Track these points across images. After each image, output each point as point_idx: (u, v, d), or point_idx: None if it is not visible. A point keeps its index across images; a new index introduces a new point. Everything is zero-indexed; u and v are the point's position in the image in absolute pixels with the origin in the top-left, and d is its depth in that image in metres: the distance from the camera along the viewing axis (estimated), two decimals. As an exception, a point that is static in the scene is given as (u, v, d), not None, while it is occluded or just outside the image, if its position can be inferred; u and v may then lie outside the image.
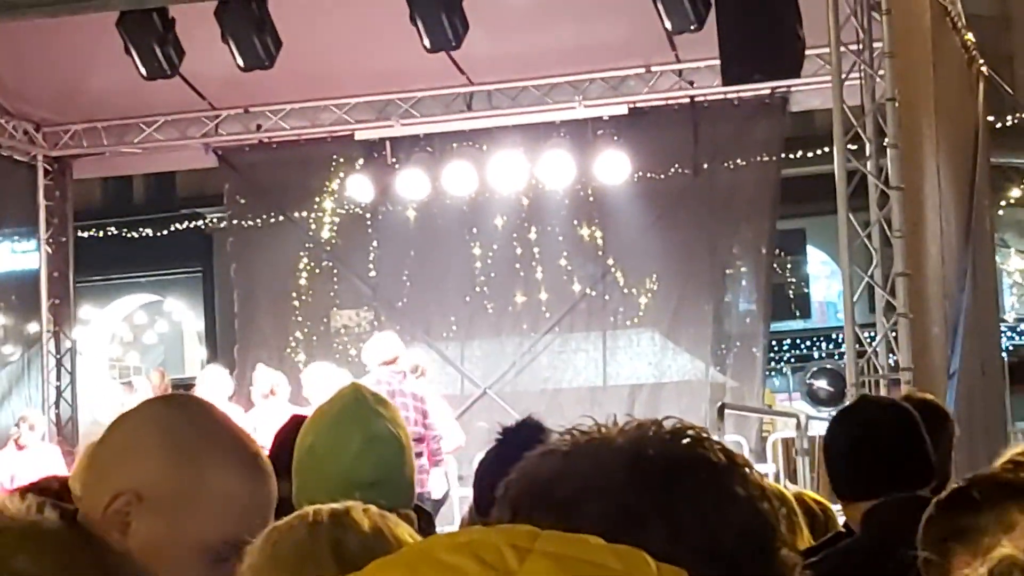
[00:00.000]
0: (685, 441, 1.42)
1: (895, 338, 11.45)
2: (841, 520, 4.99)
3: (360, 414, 3.47)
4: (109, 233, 18.48)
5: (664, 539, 1.35)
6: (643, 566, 1.25)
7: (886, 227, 11.48)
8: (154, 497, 2.19)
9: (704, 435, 1.44)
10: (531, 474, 1.45)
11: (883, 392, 11.32)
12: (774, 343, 17.64)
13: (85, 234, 17.76)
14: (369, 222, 16.34)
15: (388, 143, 15.69)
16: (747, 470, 1.43)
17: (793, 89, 14.45)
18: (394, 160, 15.69)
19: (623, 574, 1.24)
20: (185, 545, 2.19)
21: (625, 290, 15.72)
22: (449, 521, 11.85)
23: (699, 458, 1.41)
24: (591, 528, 1.33)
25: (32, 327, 17.14)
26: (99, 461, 2.27)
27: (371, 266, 16.44)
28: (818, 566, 3.83)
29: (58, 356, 16.85)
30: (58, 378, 16.77)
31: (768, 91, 14.55)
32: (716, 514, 1.38)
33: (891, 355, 11.57)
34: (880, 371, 11.58)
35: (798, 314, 22.70)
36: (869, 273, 11.67)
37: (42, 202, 16.66)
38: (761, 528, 1.41)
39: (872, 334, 11.88)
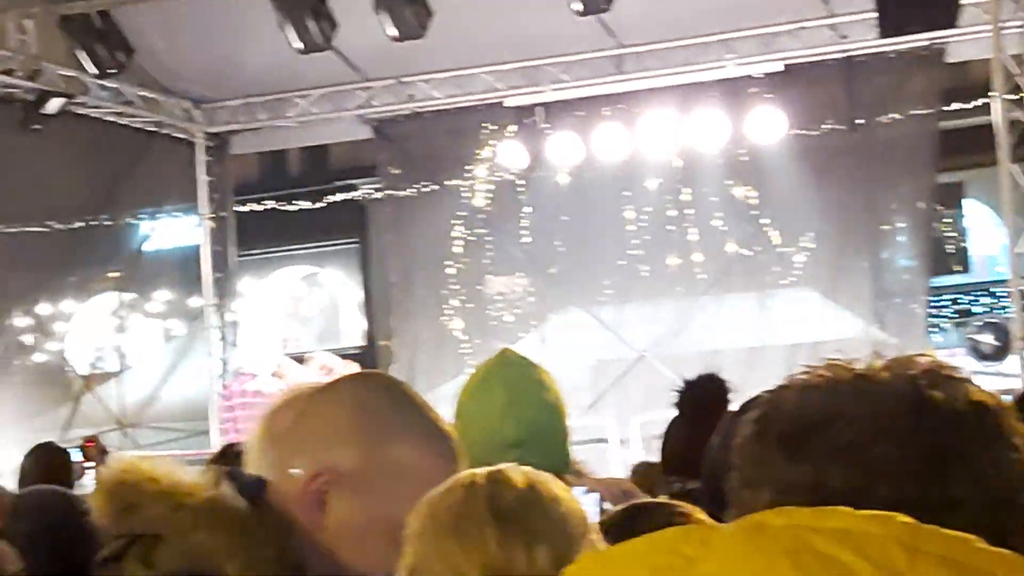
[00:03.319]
0: (954, 382, 1.36)
1: (1061, 290, 11.25)
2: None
3: (504, 375, 3.45)
4: (266, 207, 18.71)
5: (965, 487, 1.30)
6: None
7: (1050, 177, 11.28)
8: (351, 476, 2.20)
9: (966, 377, 1.38)
10: (795, 412, 1.37)
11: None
12: (933, 298, 17.35)
13: (243, 209, 18.01)
14: (521, 188, 16.38)
15: (539, 109, 15.70)
16: (1012, 413, 1.38)
17: (950, 40, 14.17)
18: (545, 125, 15.70)
19: None
20: (379, 523, 2.20)
21: (781, 249, 15.58)
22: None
23: (977, 402, 1.35)
24: (884, 474, 1.29)
25: (195, 301, 17.45)
26: (296, 438, 2.28)
27: (524, 232, 16.48)
28: None
29: (222, 329, 17.15)
30: (223, 351, 17.07)
31: (924, 43, 14.28)
32: (1007, 460, 1.33)
33: (1058, 307, 11.37)
34: (1047, 323, 11.38)
35: (957, 269, 22.29)
36: (1034, 224, 11.47)
37: (202, 178, 16.95)
38: None
39: (1037, 286, 11.67)
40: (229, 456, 4.42)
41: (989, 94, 12.30)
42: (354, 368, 11.76)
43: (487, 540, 2.12)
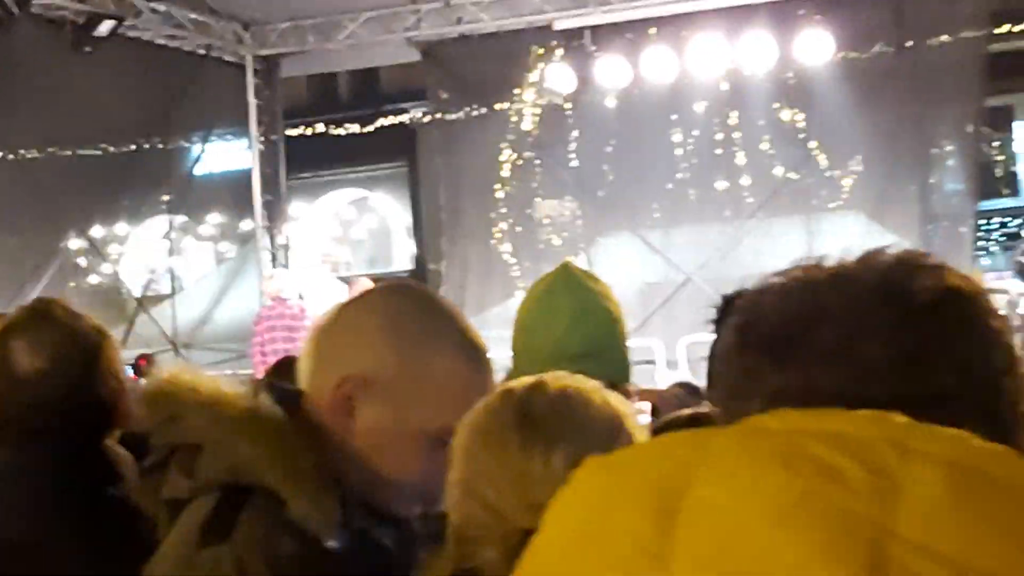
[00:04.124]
0: (927, 271, 1.34)
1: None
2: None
3: (569, 287, 3.45)
4: (315, 130, 18.82)
5: (952, 377, 1.29)
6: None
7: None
8: (380, 383, 2.21)
9: (939, 262, 1.36)
10: (776, 317, 1.35)
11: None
12: (981, 222, 17.27)
13: (293, 132, 18.09)
14: (569, 112, 16.36)
15: (587, 31, 15.65)
16: (989, 298, 1.36)
17: (1000, -40, 14.05)
18: (593, 48, 15.66)
19: (1008, 482, 1.14)
20: (407, 430, 2.21)
21: (828, 173, 15.53)
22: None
23: (952, 288, 1.33)
24: (871, 373, 1.28)
25: (246, 224, 17.56)
26: (325, 346, 2.29)
27: (572, 156, 16.48)
28: None
29: (272, 252, 17.25)
30: (273, 273, 17.17)
31: (974, -37, 14.17)
32: (988, 344, 1.32)
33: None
34: (1094, 247, 11.31)
35: (1006, 192, 22.18)
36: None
37: (252, 101, 16.99)
38: (1017, 361, 1.33)
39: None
40: (282, 371, 4.50)
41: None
42: None
43: (509, 444, 2.15)
